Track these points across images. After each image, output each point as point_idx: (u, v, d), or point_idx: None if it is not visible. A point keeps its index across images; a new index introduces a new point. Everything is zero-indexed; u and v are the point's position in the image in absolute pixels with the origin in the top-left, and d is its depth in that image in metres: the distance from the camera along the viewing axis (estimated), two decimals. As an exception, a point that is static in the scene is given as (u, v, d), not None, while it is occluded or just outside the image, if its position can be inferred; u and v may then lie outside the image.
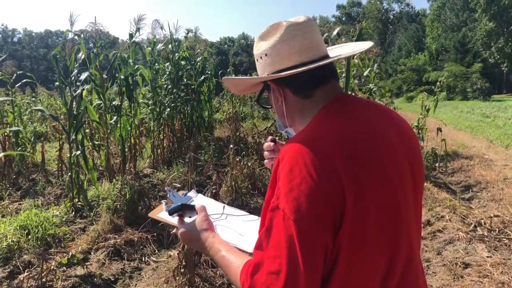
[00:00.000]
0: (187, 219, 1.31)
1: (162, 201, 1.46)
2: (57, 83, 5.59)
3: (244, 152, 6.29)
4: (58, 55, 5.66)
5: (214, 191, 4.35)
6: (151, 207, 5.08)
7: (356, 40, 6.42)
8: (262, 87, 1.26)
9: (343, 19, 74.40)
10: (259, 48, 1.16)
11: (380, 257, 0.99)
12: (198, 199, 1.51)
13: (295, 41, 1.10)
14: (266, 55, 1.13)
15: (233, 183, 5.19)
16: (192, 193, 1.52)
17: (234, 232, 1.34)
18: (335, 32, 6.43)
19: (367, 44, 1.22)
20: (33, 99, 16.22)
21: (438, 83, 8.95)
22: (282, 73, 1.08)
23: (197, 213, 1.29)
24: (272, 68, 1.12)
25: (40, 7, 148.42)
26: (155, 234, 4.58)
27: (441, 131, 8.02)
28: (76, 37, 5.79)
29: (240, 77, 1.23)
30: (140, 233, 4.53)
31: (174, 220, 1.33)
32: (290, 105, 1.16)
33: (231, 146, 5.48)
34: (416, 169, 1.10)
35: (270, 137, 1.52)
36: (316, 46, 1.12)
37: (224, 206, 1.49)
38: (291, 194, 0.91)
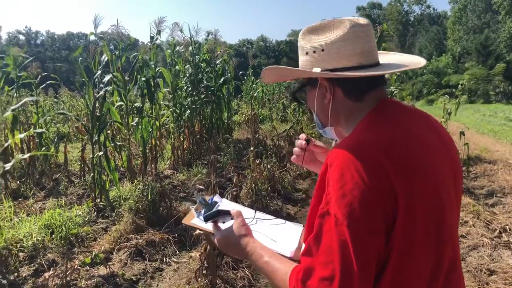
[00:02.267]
0: (221, 225, 1.31)
1: (191, 207, 1.47)
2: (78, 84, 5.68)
3: (264, 155, 6.28)
4: (80, 57, 5.75)
5: (234, 193, 4.36)
6: (172, 208, 5.13)
7: (376, 43, 6.38)
8: (303, 80, 1.23)
9: (363, 21, 73.85)
10: (310, 41, 1.13)
11: (427, 259, 0.99)
12: (223, 204, 1.51)
13: (358, 42, 1.09)
14: (322, 50, 1.10)
15: (253, 185, 5.20)
16: (217, 198, 1.52)
17: (266, 237, 1.33)
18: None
19: (420, 61, 1.20)
20: (56, 100, 16.53)
21: (459, 86, 8.81)
22: (347, 73, 1.07)
23: (231, 218, 1.28)
24: (327, 64, 1.10)
25: (62, 9, 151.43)
26: (176, 235, 4.62)
27: (463, 135, 7.89)
28: (99, 40, 5.88)
29: (288, 67, 1.18)
30: (161, 234, 4.57)
31: (208, 226, 1.33)
32: (338, 106, 1.14)
33: (251, 148, 5.49)
34: (456, 175, 1.10)
35: (304, 135, 1.51)
36: (373, 51, 1.13)
37: (255, 211, 1.49)
38: (344, 200, 0.91)
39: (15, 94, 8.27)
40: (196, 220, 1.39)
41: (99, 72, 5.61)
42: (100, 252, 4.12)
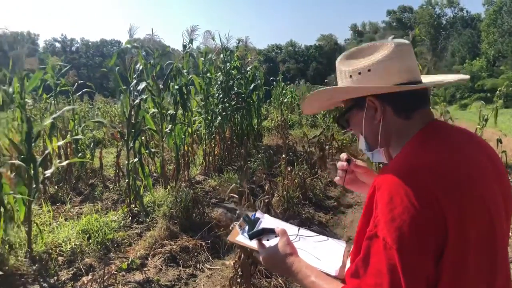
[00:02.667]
0: (265, 242, 1.32)
1: (235, 223, 1.48)
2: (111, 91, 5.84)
3: (295, 162, 6.27)
4: (118, 66, 5.90)
5: (266, 201, 4.38)
6: (204, 214, 5.18)
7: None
8: (347, 104, 1.24)
9: (394, 24, 72.82)
10: (353, 65, 1.16)
11: (480, 285, 0.99)
12: (265, 220, 1.52)
13: (404, 60, 1.12)
14: (369, 70, 1.12)
15: (285, 193, 5.21)
16: (259, 214, 1.53)
17: (311, 255, 1.34)
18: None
19: (464, 77, 1.22)
20: (90, 106, 17.01)
21: (497, 92, 8.56)
22: (405, 86, 1.09)
23: (275, 236, 1.30)
24: (375, 84, 1.12)
25: (96, 17, 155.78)
26: (209, 241, 4.66)
27: (501, 142, 7.66)
28: (133, 49, 6.03)
29: (341, 86, 1.19)
30: (195, 240, 4.62)
31: (253, 243, 1.34)
32: (388, 125, 1.14)
33: (283, 156, 5.49)
34: (507, 199, 1.09)
35: (344, 156, 1.51)
36: (417, 69, 1.15)
37: (299, 228, 1.50)
38: (393, 224, 0.92)
39: (53, 101, 8.59)
40: (240, 237, 1.41)
41: (134, 81, 5.74)
42: (136, 257, 4.21)
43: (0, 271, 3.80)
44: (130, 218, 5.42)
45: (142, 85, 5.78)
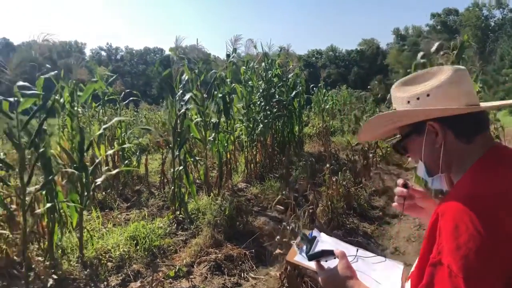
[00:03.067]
0: (323, 263, 1.33)
1: (293, 242, 1.51)
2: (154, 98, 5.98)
3: (339, 172, 6.19)
4: (160, 73, 6.05)
5: (311, 211, 4.36)
6: (248, 223, 5.22)
7: (456, 54, 6.14)
8: (405, 131, 1.24)
9: (438, 27, 70.79)
10: (410, 91, 1.17)
11: None
12: (322, 238, 1.54)
13: (463, 84, 1.13)
14: (427, 95, 1.13)
15: (329, 203, 5.16)
16: (315, 232, 1.54)
17: (370, 277, 1.34)
18: (434, 47, 6.18)
19: None
20: (136, 113, 17.52)
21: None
22: (471, 107, 1.09)
23: (333, 258, 1.30)
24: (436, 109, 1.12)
25: (140, 26, 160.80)
26: (253, 250, 4.68)
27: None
28: (178, 59, 6.18)
29: (405, 109, 1.19)
30: (239, 249, 4.66)
31: (311, 264, 1.35)
32: (449, 150, 1.14)
33: (327, 165, 5.45)
34: None
35: (401, 181, 1.50)
36: (474, 93, 1.15)
37: (357, 249, 1.51)
38: (459, 252, 0.91)
39: (101, 110, 8.91)
40: (299, 258, 1.43)
41: (180, 91, 5.88)
42: (182, 265, 4.28)
43: (54, 275, 3.98)
44: (175, 225, 5.53)
45: (187, 95, 5.91)
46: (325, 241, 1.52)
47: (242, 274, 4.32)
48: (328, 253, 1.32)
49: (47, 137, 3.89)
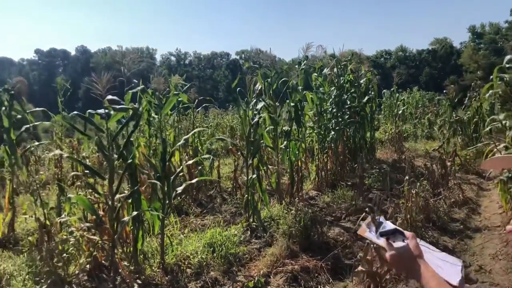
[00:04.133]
0: (391, 242, 1.45)
1: (362, 222, 1.73)
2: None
3: (417, 183, 5.94)
4: (227, 77, 6.17)
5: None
6: (323, 234, 5.17)
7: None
8: None
9: (519, 23, 66.03)
10: None
11: None
12: (387, 225, 1.63)
13: None
14: None
15: (408, 216, 4.97)
16: (382, 219, 1.65)
17: (433, 262, 1.41)
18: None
19: None
20: (205, 117, 18.00)
21: None
22: None
23: (402, 240, 1.42)
24: None
25: (208, 32, 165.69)
26: (329, 262, 4.63)
27: None
28: (246, 67, 6.26)
29: None
30: (315, 261, 4.63)
31: (380, 241, 1.50)
32: None
33: (406, 177, 5.26)
34: None
35: (510, 227, 1.44)
36: None
37: (420, 240, 1.58)
38: None
39: (176, 117, 9.25)
40: (368, 234, 1.59)
41: (254, 100, 5.96)
42: (259, 275, 4.32)
43: (139, 280, 4.18)
44: (249, 232, 5.60)
45: (260, 105, 5.97)
46: (389, 227, 1.61)
47: (319, 286, 4.29)
48: (400, 233, 1.46)
49: (133, 148, 4.09)
